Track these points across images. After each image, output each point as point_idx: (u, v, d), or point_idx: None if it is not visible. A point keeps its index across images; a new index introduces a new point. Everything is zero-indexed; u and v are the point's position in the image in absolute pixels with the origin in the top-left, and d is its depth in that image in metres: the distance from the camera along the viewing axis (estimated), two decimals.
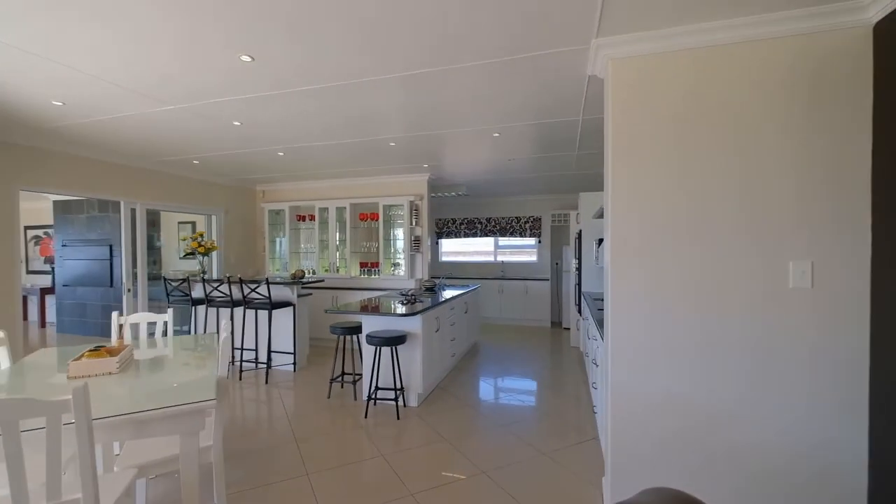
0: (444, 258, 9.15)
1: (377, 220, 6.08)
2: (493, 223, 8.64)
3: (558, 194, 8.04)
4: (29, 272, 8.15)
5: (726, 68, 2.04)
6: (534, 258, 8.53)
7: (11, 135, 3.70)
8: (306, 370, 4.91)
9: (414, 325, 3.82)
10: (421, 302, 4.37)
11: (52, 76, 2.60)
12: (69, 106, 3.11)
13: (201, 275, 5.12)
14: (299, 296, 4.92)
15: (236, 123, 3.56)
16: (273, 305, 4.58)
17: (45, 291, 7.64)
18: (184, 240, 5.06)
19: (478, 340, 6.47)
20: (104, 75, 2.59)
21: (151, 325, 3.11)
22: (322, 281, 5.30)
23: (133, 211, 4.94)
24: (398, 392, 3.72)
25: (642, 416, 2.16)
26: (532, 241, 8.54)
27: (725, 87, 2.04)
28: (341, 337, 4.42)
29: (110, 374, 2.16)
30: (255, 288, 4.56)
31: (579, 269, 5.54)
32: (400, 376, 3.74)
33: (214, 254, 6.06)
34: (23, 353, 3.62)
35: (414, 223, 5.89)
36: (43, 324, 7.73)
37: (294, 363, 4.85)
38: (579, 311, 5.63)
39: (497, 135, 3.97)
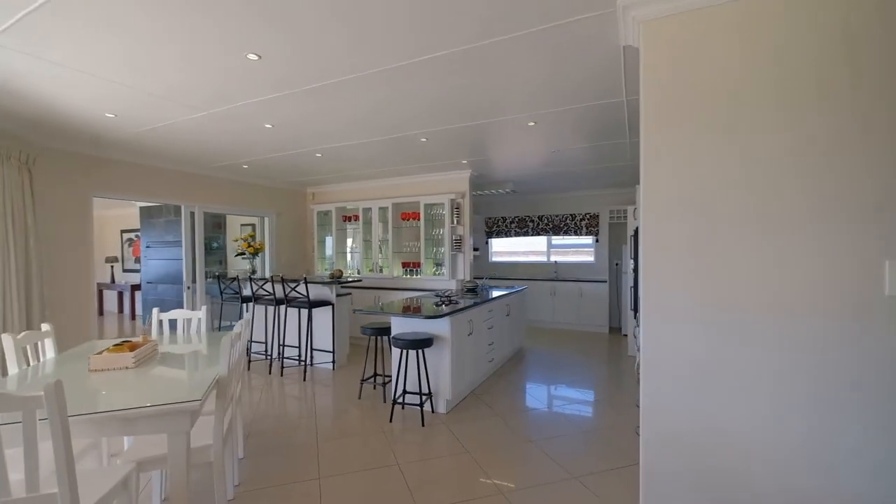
0: (495, 258, 8.86)
1: (418, 219, 5.99)
2: (545, 221, 8.20)
3: (617, 188, 7.40)
4: (124, 270, 9.25)
5: (794, 21, 1.61)
6: (590, 258, 7.94)
7: (82, 146, 4.13)
8: (345, 368, 4.94)
9: (441, 327, 3.65)
10: (455, 303, 4.18)
11: (100, 91, 2.81)
12: (121, 117, 3.37)
13: (250, 274, 5.38)
14: (338, 295, 4.97)
15: (267, 126, 3.64)
16: (312, 304, 4.67)
17: (134, 287, 8.61)
18: (235, 241, 5.35)
19: (524, 345, 6.13)
20: (140, 86, 2.74)
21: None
22: (360, 281, 5.33)
23: (192, 214, 5.34)
24: (423, 397, 3.57)
25: (681, 444, 1.79)
26: (588, 239, 7.96)
27: (794, 44, 1.61)
28: (372, 337, 4.37)
29: (127, 368, 2.25)
30: (295, 287, 4.68)
31: (636, 269, 4.99)
32: (428, 381, 3.58)
33: (267, 254, 6.38)
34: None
35: (455, 222, 5.72)
36: (133, 316, 8.73)
37: (333, 361, 4.91)
38: (636, 317, 5.08)
39: (532, 124, 3.66)
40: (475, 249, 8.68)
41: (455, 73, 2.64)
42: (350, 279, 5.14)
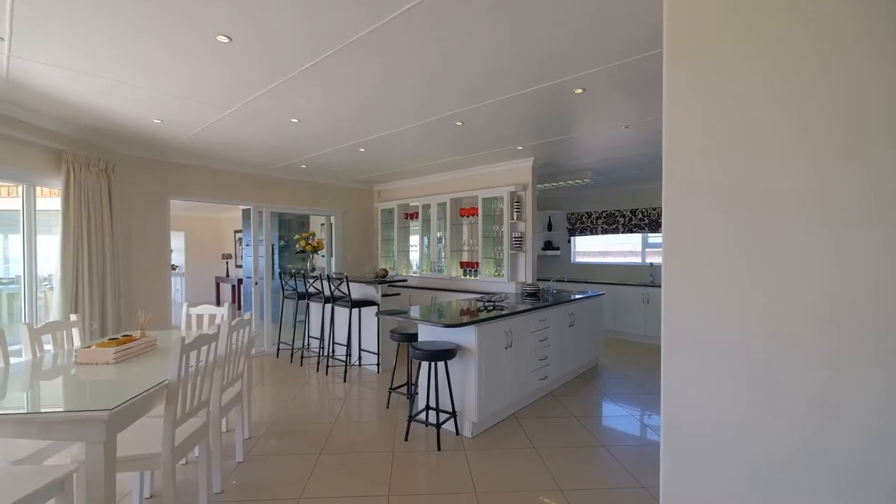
0: (578, 259, 7.87)
1: (476, 215, 5.49)
2: (639, 216, 6.97)
3: None
4: (237, 266, 10.51)
5: None
6: None
7: (154, 152, 4.58)
8: (389, 372, 4.70)
9: (466, 338, 3.12)
10: (498, 309, 3.62)
11: (142, 97, 2.96)
12: (167, 122, 3.59)
13: (303, 271, 5.49)
14: (384, 295, 4.75)
15: (294, 121, 3.54)
16: (355, 304, 4.52)
17: (239, 281, 9.69)
18: (296, 239, 5.52)
19: (599, 362, 5.19)
20: (156, 86, 2.81)
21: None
22: (404, 281, 5.05)
23: (260, 214, 5.65)
24: (440, 415, 3.09)
25: None
26: None
27: None
28: (399, 344, 3.99)
29: (108, 363, 2.25)
30: (339, 285, 4.58)
31: None
32: (451, 398, 3.10)
33: (333, 252, 6.52)
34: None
35: (515, 217, 5.08)
36: (239, 307, 9.85)
37: (378, 364, 4.71)
38: None
39: (581, 91, 2.92)
40: (555, 248, 7.82)
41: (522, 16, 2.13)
42: (395, 278, 4.89)
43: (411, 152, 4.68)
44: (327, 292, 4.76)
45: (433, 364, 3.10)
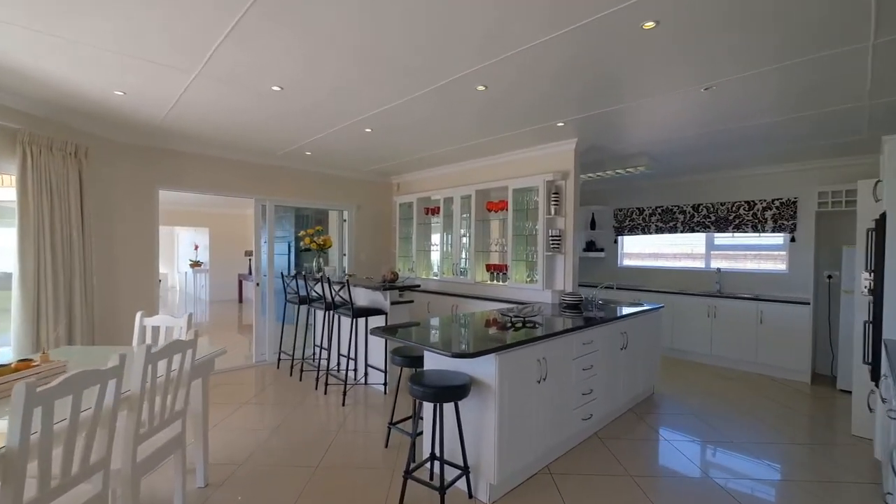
0: (626, 262, 6.82)
1: (506, 209, 4.65)
2: (702, 212, 5.86)
3: (834, 157, 4.71)
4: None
5: None
6: (781, 266, 5.34)
7: (135, 136, 4.06)
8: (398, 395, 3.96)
9: (484, 369, 2.32)
10: (530, 327, 2.79)
11: (84, 57, 2.38)
12: (131, 95, 3.01)
13: (316, 273, 4.86)
14: (394, 303, 4.02)
15: (275, 89, 2.86)
16: (359, 312, 3.82)
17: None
18: (300, 236, 4.91)
19: (655, 390, 4.21)
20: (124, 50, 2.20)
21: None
22: (417, 287, 4.28)
23: (264, 208, 5.08)
24: (448, 470, 2.30)
25: None
26: (777, 238, 5.36)
27: None
28: (402, 369, 3.18)
29: None
30: (339, 290, 3.90)
31: (877, 289, 2.75)
32: (463, 449, 2.30)
33: (347, 251, 5.87)
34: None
35: (553, 212, 4.20)
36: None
37: (385, 383, 3.98)
38: (874, 373, 2.80)
39: (651, 26, 2.04)
40: (600, 250, 6.82)
41: None
42: (405, 283, 4.14)
43: (426, 132, 3.90)
44: (329, 298, 4.09)
45: (439, 404, 2.32)
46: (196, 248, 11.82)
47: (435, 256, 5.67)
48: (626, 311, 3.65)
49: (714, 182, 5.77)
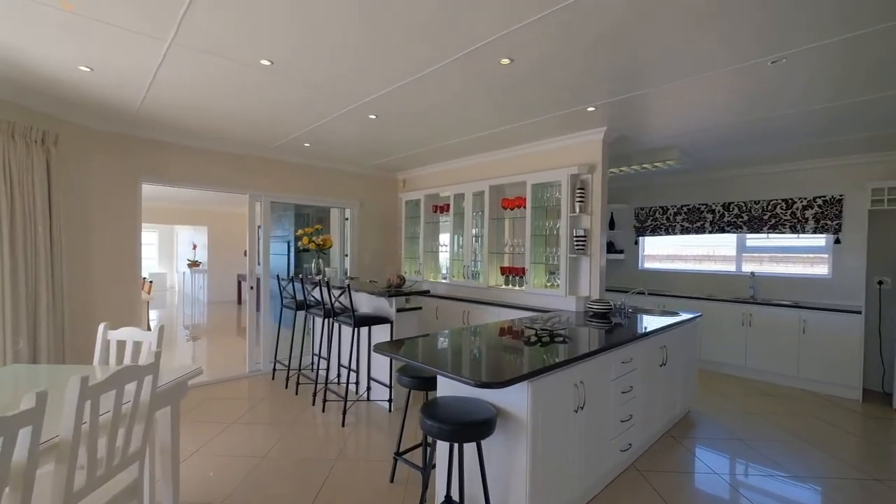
0: (648, 265, 6.37)
1: (524, 206, 4.22)
2: (734, 211, 5.41)
3: (886, 150, 4.25)
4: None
5: None
6: (822, 270, 4.87)
7: (124, 124, 3.66)
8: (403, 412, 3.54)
9: (513, 399, 1.89)
10: (558, 340, 2.37)
11: (32, 16, 1.98)
12: (100, 71, 2.61)
13: (314, 275, 4.46)
14: (400, 310, 3.61)
15: (264, 63, 2.45)
16: (361, 321, 3.40)
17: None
18: (298, 235, 4.51)
19: (691, 409, 3.77)
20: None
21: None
22: (426, 293, 3.85)
23: (258, 204, 4.68)
24: None
25: None
26: (819, 240, 4.90)
27: None
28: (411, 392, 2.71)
29: None
30: (339, 296, 3.48)
31: None
32: (486, 497, 1.87)
33: (349, 252, 5.46)
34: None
35: (577, 209, 3.77)
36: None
37: (390, 400, 3.57)
38: None
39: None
40: (619, 252, 6.37)
41: None
42: (412, 288, 3.72)
43: (438, 120, 3.48)
44: (328, 304, 3.68)
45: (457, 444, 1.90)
46: (194, 247, 11.47)
47: (444, 258, 5.25)
48: (661, 321, 3.21)
49: (747, 178, 5.31)
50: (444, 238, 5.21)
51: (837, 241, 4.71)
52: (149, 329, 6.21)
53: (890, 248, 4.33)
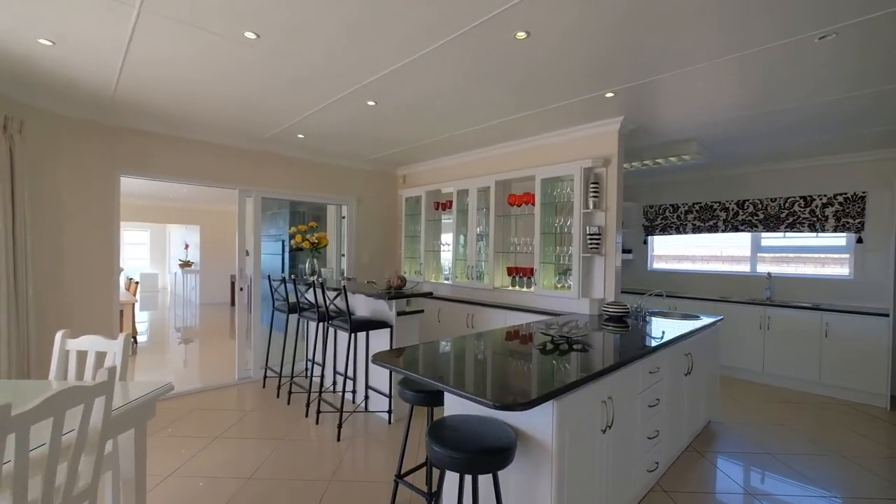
0: (657, 265, 6.12)
1: (532, 203, 3.96)
2: (748, 209, 5.17)
3: None
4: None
5: None
6: (843, 270, 4.64)
7: (101, 112, 3.38)
8: (405, 423, 3.27)
9: (536, 421, 1.62)
10: (577, 345, 2.11)
11: None
12: (63, 45, 2.32)
13: (309, 276, 4.18)
14: (401, 313, 3.34)
15: (249, 35, 2.18)
16: (358, 326, 3.13)
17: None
18: (291, 233, 4.23)
19: (712, 420, 3.52)
20: None
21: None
22: (429, 295, 3.58)
23: (248, 199, 4.40)
24: None
25: None
26: (839, 239, 4.67)
27: None
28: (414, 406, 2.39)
29: None
30: (334, 298, 3.21)
31: None
32: None
33: (346, 252, 5.18)
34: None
35: (591, 206, 3.51)
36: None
37: (389, 410, 3.29)
38: None
39: None
40: (627, 251, 6.12)
41: None
42: (413, 290, 3.45)
43: (443, 107, 3.21)
44: (322, 307, 3.40)
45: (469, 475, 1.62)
46: (186, 247, 11.15)
47: (446, 258, 4.98)
48: (683, 326, 2.96)
49: (763, 175, 5.07)
50: (447, 237, 4.94)
51: (860, 241, 4.48)
52: (135, 334, 5.94)
53: None
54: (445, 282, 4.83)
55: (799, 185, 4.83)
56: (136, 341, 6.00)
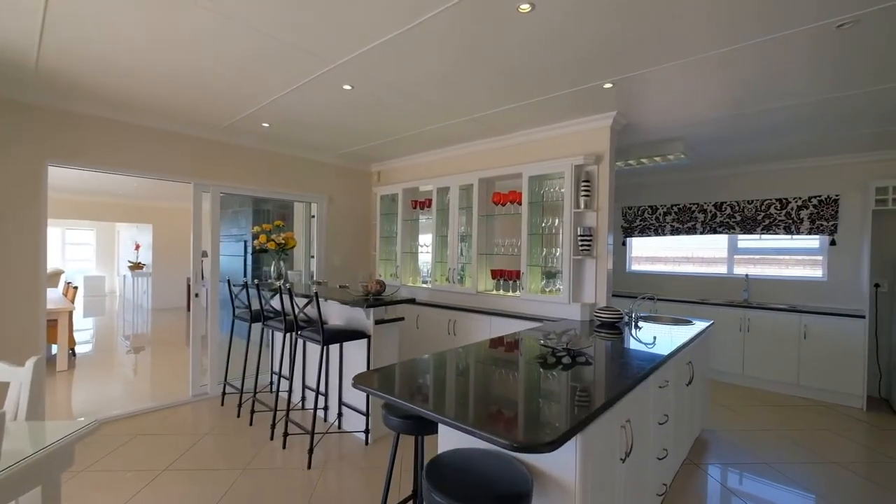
0: (635, 267, 6.08)
1: (519, 202, 3.74)
2: (726, 211, 5.18)
3: (885, 150, 4.10)
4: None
5: None
6: (816, 273, 4.71)
7: (24, 89, 2.87)
8: (385, 445, 2.95)
9: (556, 459, 1.37)
10: (578, 356, 1.88)
11: None
12: None
13: (275, 280, 3.78)
14: (379, 322, 3.02)
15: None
16: (331, 337, 2.78)
17: None
18: (255, 233, 3.82)
19: (704, 428, 3.42)
20: None
21: None
22: (412, 301, 3.28)
23: (205, 195, 3.94)
24: None
25: None
26: (812, 241, 4.74)
27: None
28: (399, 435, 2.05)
29: None
30: (304, 307, 2.85)
31: None
32: None
33: (316, 253, 4.79)
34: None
35: (582, 205, 3.32)
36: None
37: (367, 431, 2.97)
38: None
39: None
40: None
41: None
42: (394, 296, 3.14)
43: (430, 93, 2.92)
44: (290, 315, 3.02)
45: None
46: (137, 247, 10.29)
47: (424, 260, 4.69)
48: (681, 332, 2.81)
49: (740, 177, 5.10)
50: (425, 237, 4.65)
51: (833, 243, 4.55)
52: (73, 346, 5.26)
53: (886, 251, 4.19)
54: (424, 285, 4.54)
55: (775, 187, 4.88)
56: (74, 353, 5.34)
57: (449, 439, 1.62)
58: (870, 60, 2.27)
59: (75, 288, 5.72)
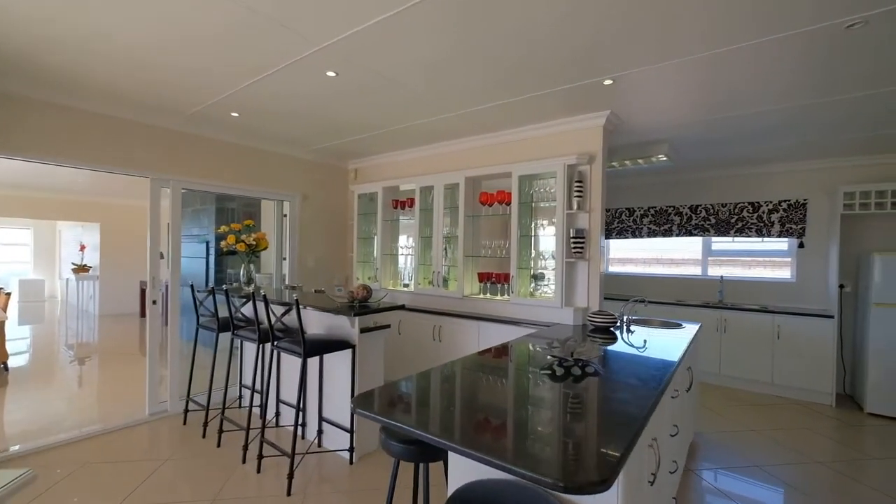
0: (613, 268, 6.13)
1: (508, 202, 3.61)
2: (702, 214, 5.29)
3: (864, 154, 4.27)
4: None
5: None
6: (784, 274, 4.88)
7: None
8: (372, 464, 2.73)
9: (601, 497, 1.21)
10: (591, 374, 1.75)
11: None
12: None
13: (244, 284, 3.46)
14: (365, 330, 2.79)
15: None
16: (313, 349, 2.52)
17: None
18: (223, 233, 3.48)
19: (695, 432, 3.41)
20: None
21: None
22: (401, 307, 3.07)
23: (163, 191, 3.56)
24: None
25: None
26: (782, 244, 4.91)
27: None
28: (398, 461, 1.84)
29: None
30: (283, 315, 2.58)
31: None
32: None
33: (288, 255, 4.47)
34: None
35: (575, 206, 3.22)
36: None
37: (351, 448, 2.73)
38: None
39: None
40: None
41: None
42: (382, 303, 2.92)
43: (421, 84, 2.72)
44: (266, 324, 2.73)
45: None
46: (82, 248, 9.42)
47: (405, 262, 4.47)
48: (676, 336, 2.76)
49: (716, 181, 5.21)
50: (406, 239, 4.43)
51: (801, 246, 4.71)
52: (5, 360, 4.64)
53: (849, 253, 4.38)
54: (405, 289, 4.32)
55: (748, 191, 5.01)
56: (6, 368, 4.73)
57: (462, 469, 1.43)
58: (859, 66, 2.28)
59: (8, 294, 5.09)
